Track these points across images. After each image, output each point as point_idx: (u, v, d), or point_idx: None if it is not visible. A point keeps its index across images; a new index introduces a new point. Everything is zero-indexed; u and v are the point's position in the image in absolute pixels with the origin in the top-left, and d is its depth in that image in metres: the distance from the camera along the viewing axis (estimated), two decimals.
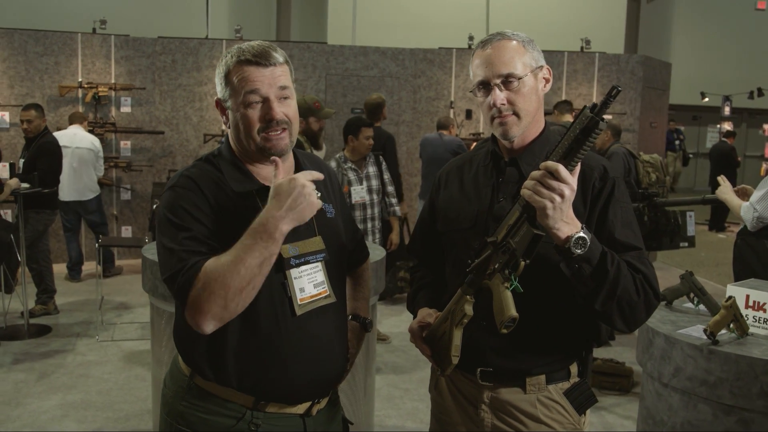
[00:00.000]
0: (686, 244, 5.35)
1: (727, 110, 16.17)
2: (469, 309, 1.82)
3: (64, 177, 7.07)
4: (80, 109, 8.50)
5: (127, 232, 8.77)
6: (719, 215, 12.85)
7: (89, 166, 7.59)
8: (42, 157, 6.34)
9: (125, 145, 8.71)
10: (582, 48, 9.61)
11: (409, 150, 9.31)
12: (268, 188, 1.78)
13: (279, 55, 1.82)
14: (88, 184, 7.60)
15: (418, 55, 9.42)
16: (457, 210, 2.03)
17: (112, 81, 8.66)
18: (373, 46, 9.50)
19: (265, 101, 1.79)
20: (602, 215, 1.87)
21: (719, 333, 2.61)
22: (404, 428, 4.34)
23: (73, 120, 7.76)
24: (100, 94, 8.44)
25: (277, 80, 1.80)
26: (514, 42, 1.90)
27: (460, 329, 1.85)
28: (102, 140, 8.33)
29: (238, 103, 1.79)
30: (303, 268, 1.85)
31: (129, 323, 6.33)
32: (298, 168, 1.93)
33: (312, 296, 1.86)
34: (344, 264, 2.07)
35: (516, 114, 1.89)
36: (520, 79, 1.86)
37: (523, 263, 1.71)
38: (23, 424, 4.26)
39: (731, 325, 2.65)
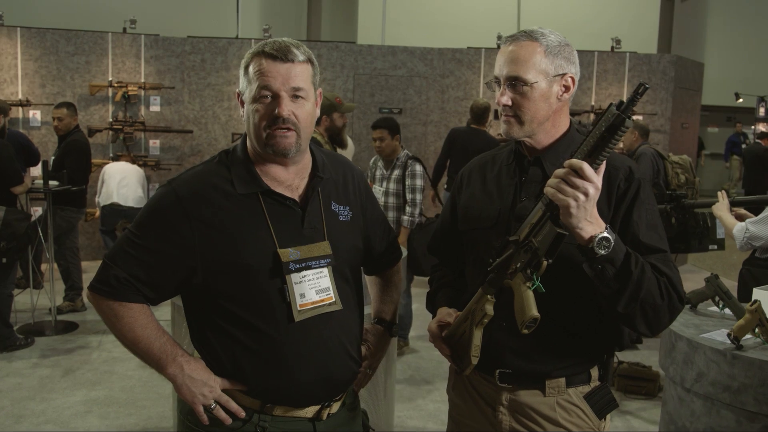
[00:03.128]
0: (715, 247, 5.25)
1: (762, 111, 15.87)
2: (489, 309, 1.80)
3: (110, 186, 7.19)
4: (110, 108, 8.61)
5: None
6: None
7: (135, 180, 7.36)
8: (70, 154, 6.41)
9: (154, 144, 8.77)
10: (612, 48, 9.50)
11: (437, 150, 9.26)
12: (272, 191, 1.80)
13: (300, 53, 1.78)
14: (132, 194, 7.29)
15: (446, 54, 9.38)
16: (479, 209, 2.00)
17: (142, 80, 8.72)
18: (402, 45, 9.48)
19: (275, 97, 1.76)
20: (627, 217, 1.83)
21: (743, 338, 2.56)
22: (425, 429, 4.32)
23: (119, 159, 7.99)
24: (129, 93, 8.51)
25: (292, 79, 1.76)
26: (538, 46, 1.85)
27: (481, 329, 1.83)
28: (131, 139, 8.41)
29: (251, 96, 1.77)
30: (304, 273, 1.80)
31: None
32: (315, 169, 1.90)
33: (314, 302, 1.81)
34: (358, 268, 2.03)
35: (517, 117, 1.86)
36: (529, 84, 1.83)
37: (545, 263, 1.68)
38: (47, 419, 4.30)
39: (756, 330, 2.60)
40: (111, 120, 8.55)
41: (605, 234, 1.63)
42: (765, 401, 2.40)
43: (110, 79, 8.61)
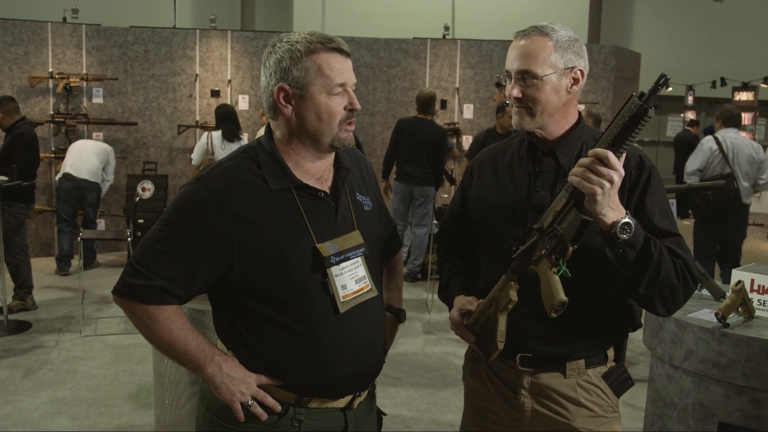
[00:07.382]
0: None
1: (690, 99, 16.42)
2: (514, 295, 1.85)
3: (68, 159, 7.47)
4: (51, 100, 8.38)
5: (100, 225, 8.60)
6: (683, 202, 13.02)
7: (92, 153, 7.60)
8: (18, 149, 6.21)
9: (98, 136, 8.53)
10: None
11: (384, 140, 9.31)
12: (305, 185, 1.80)
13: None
14: (87, 167, 7.51)
15: (392, 45, 9.42)
16: (493, 199, 2.05)
17: (84, 71, 8.50)
18: (348, 35, 9.47)
19: (347, 92, 1.79)
20: (640, 203, 1.90)
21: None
22: (401, 416, 4.37)
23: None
24: (71, 84, 8.28)
25: (353, 74, 1.82)
26: (548, 41, 1.91)
27: (505, 315, 1.88)
28: (73, 132, 8.19)
29: (321, 91, 1.77)
30: (344, 264, 1.83)
31: (110, 317, 6.23)
32: (338, 161, 1.92)
33: (354, 292, 1.85)
34: (382, 256, 2.06)
35: (528, 108, 1.93)
36: (539, 78, 1.90)
37: (571, 248, 1.75)
38: (15, 422, 4.19)
39: (739, 309, 2.74)
40: (52, 113, 8.32)
41: (627, 219, 1.70)
42: (752, 375, 2.53)
43: (51, 70, 8.36)
